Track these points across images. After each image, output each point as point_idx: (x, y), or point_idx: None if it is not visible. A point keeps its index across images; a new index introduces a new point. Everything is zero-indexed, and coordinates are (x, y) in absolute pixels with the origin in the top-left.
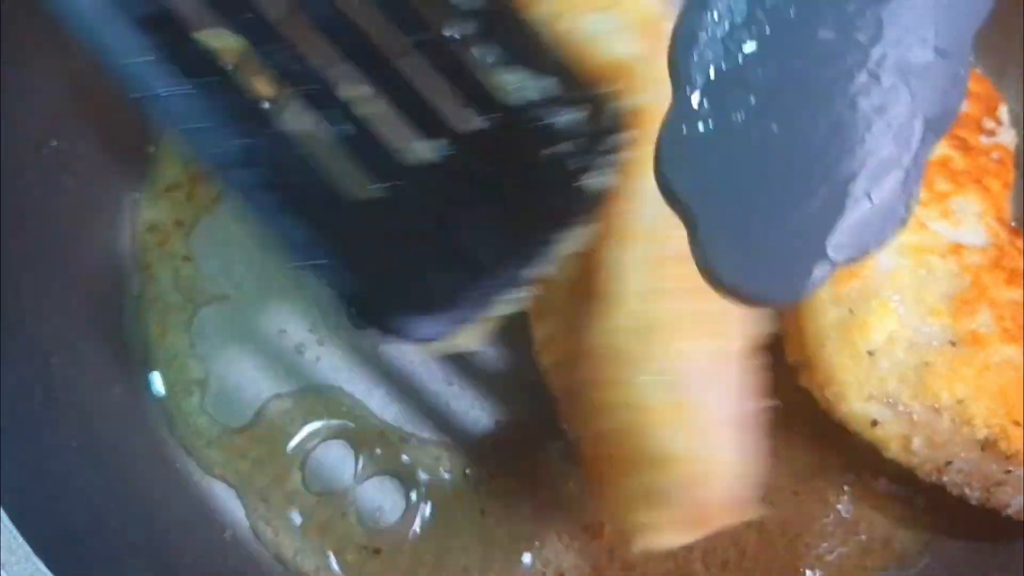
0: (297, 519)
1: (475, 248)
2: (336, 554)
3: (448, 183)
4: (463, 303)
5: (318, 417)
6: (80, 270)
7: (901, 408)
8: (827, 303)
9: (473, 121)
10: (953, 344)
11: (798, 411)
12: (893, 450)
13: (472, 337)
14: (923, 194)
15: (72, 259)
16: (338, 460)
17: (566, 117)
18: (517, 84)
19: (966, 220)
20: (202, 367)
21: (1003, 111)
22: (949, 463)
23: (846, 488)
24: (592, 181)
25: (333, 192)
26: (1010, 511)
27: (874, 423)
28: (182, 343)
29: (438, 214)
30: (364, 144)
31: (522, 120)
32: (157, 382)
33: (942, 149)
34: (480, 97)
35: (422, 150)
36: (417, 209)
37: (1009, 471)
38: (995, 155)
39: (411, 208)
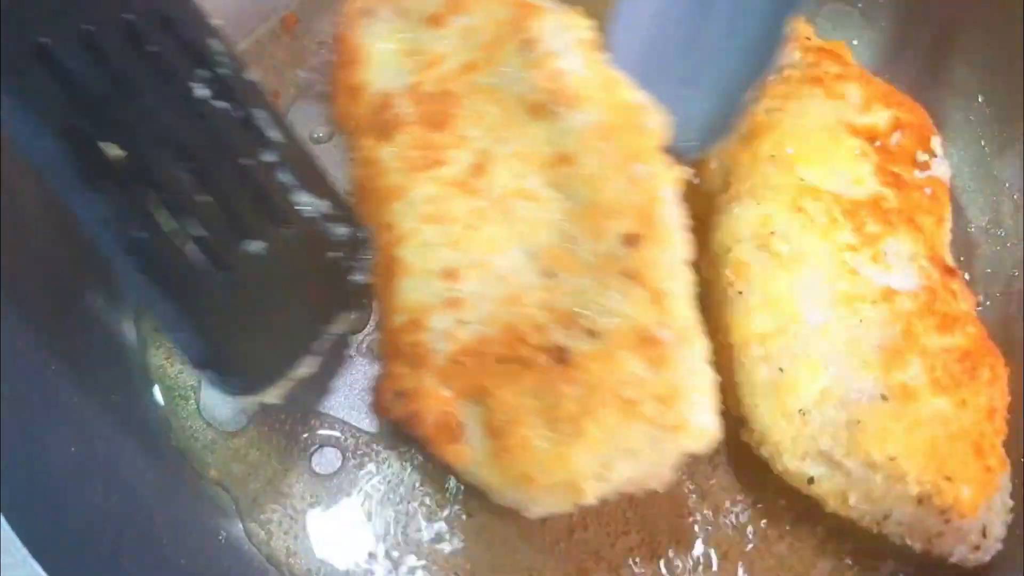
0: (290, 522)
1: (286, 323)
2: (327, 558)
3: (268, 272)
4: (279, 363)
5: (311, 424)
6: (78, 278)
7: (835, 466)
8: (757, 360)
9: (280, 230)
10: (884, 398)
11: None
12: (832, 505)
13: (275, 393)
14: (853, 238)
15: (70, 268)
16: (329, 465)
17: (338, 230)
18: (307, 204)
19: (898, 263)
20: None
21: (936, 142)
22: (887, 516)
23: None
24: (355, 278)
25: (190, 276)
26: (954, 559)
27: (811, 480)
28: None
29: (260, 295)
30: (208, 241)
31: (312, 230)
32: (154, 389)
33: (874, 188)
34: (284, 212)
35: (249, 247)
36: (244, 291)
37: (948, 521)
38: (928, 190)
39: (240, 289)
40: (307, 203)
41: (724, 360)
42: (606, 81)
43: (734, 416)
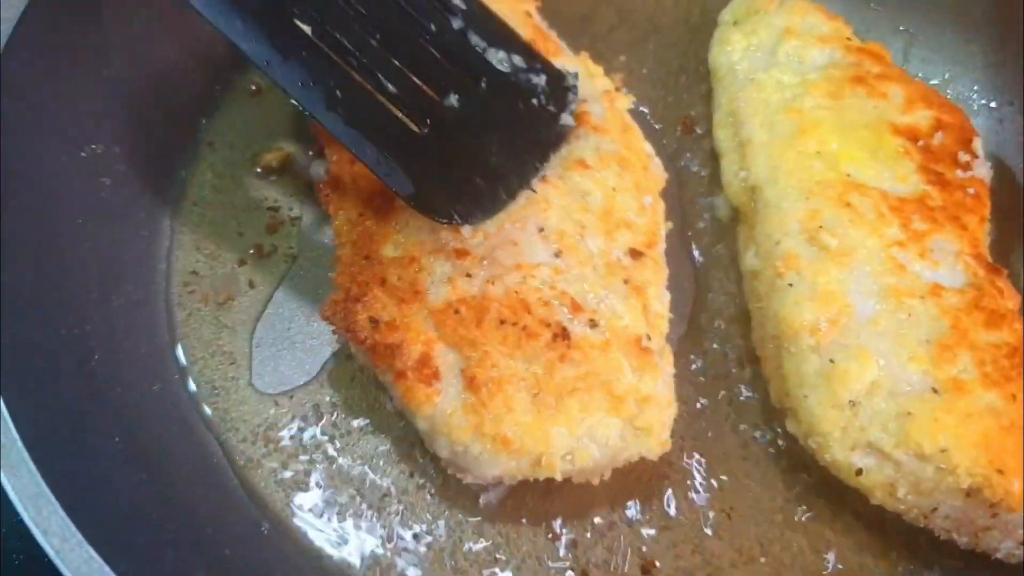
0: (331, 514)
1: (494, 163)
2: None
3: (472, 121)
4: (488, 198)
5: (355, 414)
6: (118, 269)
7: (884, 457)
8: (808, 351)
9: (476, 85)
10: (935, 391)
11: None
12: (879, 497)
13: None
14: (900, 234)
15: (111, 259)
16: (368, 456)
17: (536, 79)
18: (502, 58)
19: (944, 260)
20: (235, 365)
21: (977, 144)
22: (935, 510)
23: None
24: (559, 121)
25: (392, 127)
26: (1000, 554)
27: (859, 472)
28: (217, 341)
29: (467, 141)
30: (411, 96)
31: (509, 82)
32: (192, 379)
33: (919, 186)
34: (476, 68)
35: (451, 100)
36: (452, 138)
37: (996, 515)
38: (971, 190)
39: (448, 137)
40: (500, 59)
41: (770, 352)
42: (625, 127)
43: (774, 407)
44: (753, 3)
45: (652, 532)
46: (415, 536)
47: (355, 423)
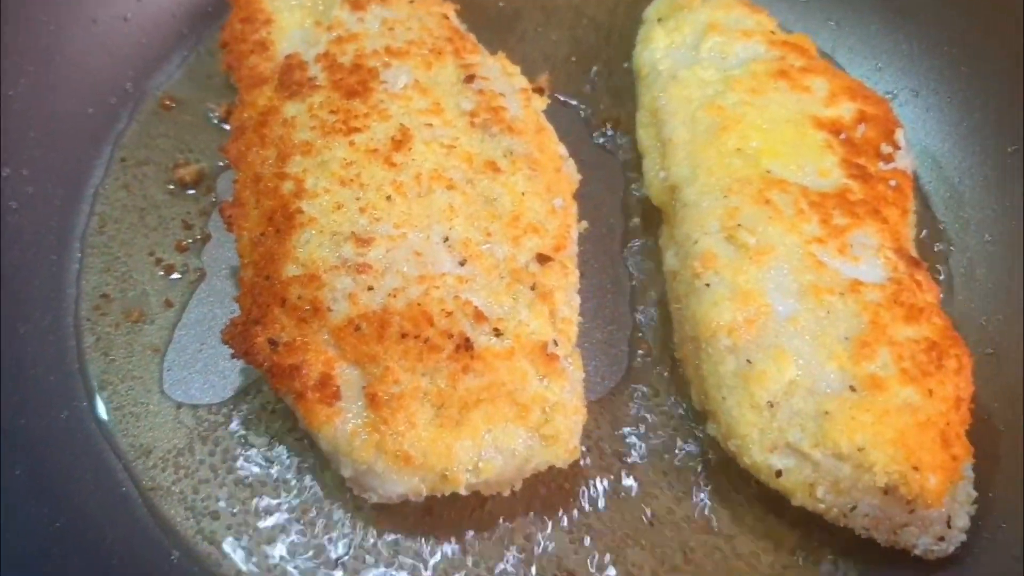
0: (241, 541)
1: None
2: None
3: None
4: None
5: (269, 436)
6: (26, 295)
7: (803, 458)
8: (725, 352)
9: None
10: (852, 389)
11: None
12: (800, 498)
13: None
14: (820, 230)
15: (18, 285)
16: (280, 479)
17: None
18: None
19: (864, 255)
20: (146, 389)
21: (900, 135)
22: (854, 508)
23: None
24: None
25: None
26: (918, 551)
27: (778, 473)
28: (128, 365)
29: None
30: None
31: None
32: (101, 406)
33: (840, 180)
34: None
35: None
36: None
37: (913, 511)
38: (893, 182)
39: None
40: None
41: (689, 353)
42: (539, 127)
43: (699, 411)
44: (676, 0)
45: (569, 542)
46: (330, 558)
47: (268, 445)
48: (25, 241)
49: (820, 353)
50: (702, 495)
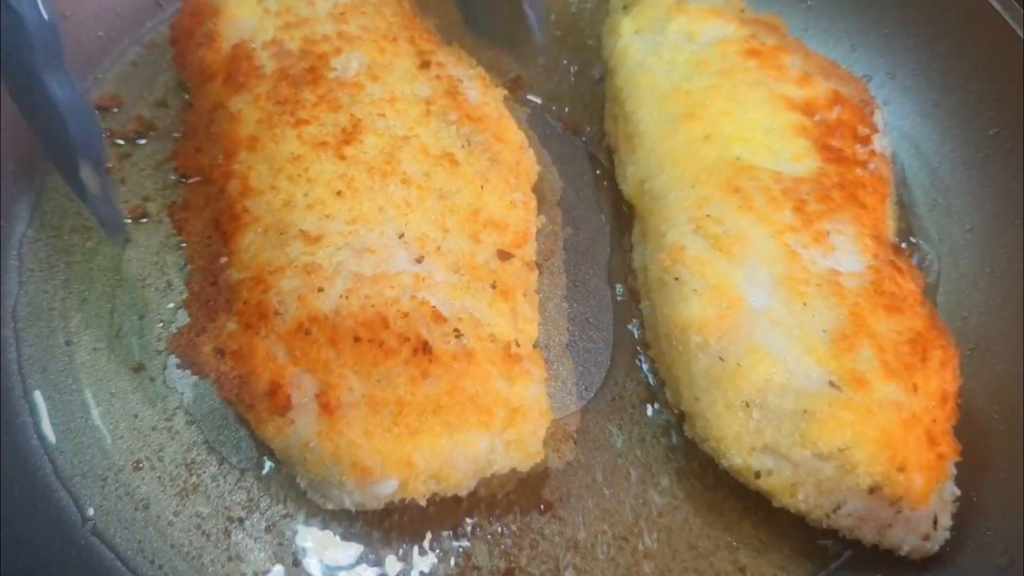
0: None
1: None
2: None
3: None
4: None
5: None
6: None
7: (783, 458)
8: (697, 350)
9: None
10: (833, 386)
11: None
12: (781, 498)
13: None
14: (794, 219)
15: None
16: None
17: None
18: None
19: (841, 244)
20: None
21: (878, 116)
22: (838, 509)
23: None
24: None
25: None
26: (904, 551)
27: (758, 475)
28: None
29: None
30: None
31: None
32: (47, 427)
33: (815, 164)
34: None
35: None
36: None
37: (899, 512)
38: (872, 165)
39: None
40: None
41: (662, 352)
42: (499, 115)
43: (675, 411)
44: None
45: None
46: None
47: (213, 459)
48: None
49: (797, 348)
50: (681, 496)
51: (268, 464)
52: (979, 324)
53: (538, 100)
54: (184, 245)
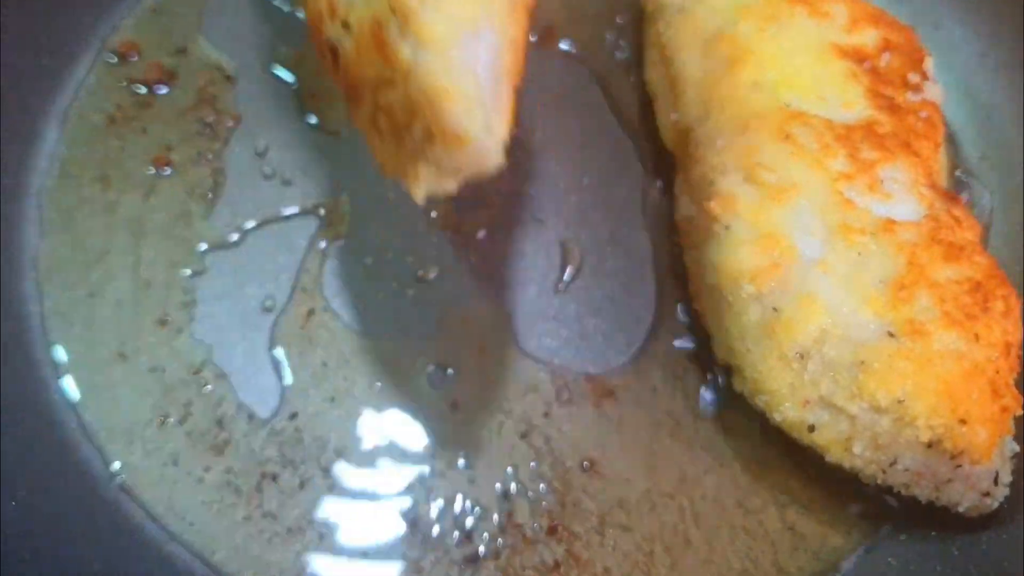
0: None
1: None
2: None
3: None
4: None
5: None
6: None
7: (838, 412)
8: (748, 301)
9: None
10: (891, 336)
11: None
12: (835, 453)
13: None
14: (847, 166)
15: None
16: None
17: None
18: None
19: (897, 192)
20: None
21: (929, 64)
22: (893, 464)
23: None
24: None
25: None
26: (961, 508)
27: (811, 428)
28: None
29: None
30: None
31: None
32: (70, 382)
33: (866, 112)
34: None
35: None
36: None
37: (959, 467)
38: (923, 113)
39: None
40: None
41: (709, 304)
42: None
43: (722, 366)
44: None
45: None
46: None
47: (243, 415)
48: None
49: (853, 298)
50: (728, 452)
51: (299, 419)
52: None
53: (571, 49)
54: (208, 196)
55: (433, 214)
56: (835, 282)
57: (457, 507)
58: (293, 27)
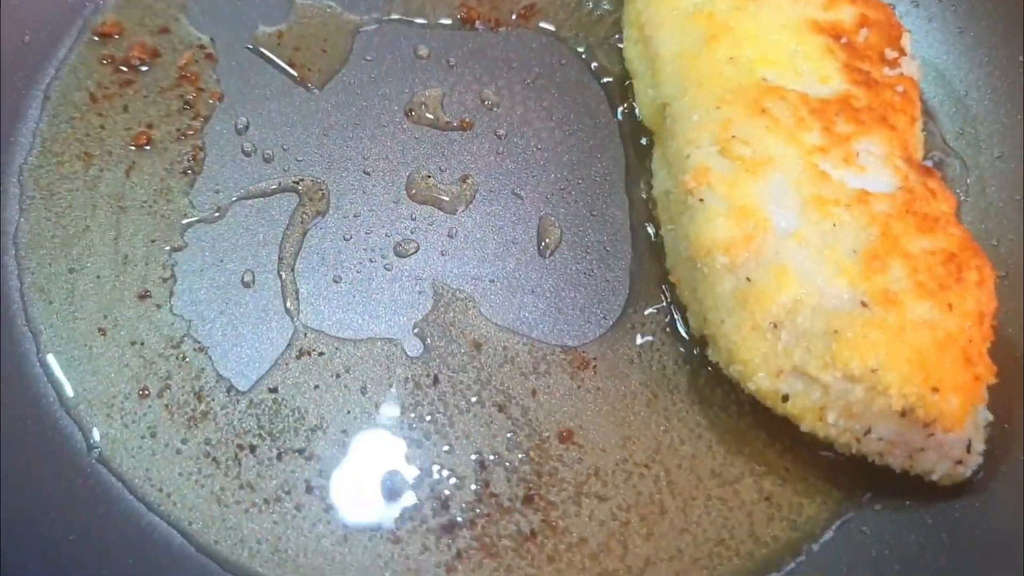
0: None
1: None
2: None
3: None
4: None
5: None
6: None
7: (812, 381)
8: (722, 272)
9: None
10: (864, 305)
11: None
12: (809, 423)
13: None
14: (822, 140)
15: None
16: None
17: None
18: None
19: (871, 164)
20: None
21: (906, 40)
22: (867, 432)
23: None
24: None
25: None
26: (935, 476)
27: (785, 398)
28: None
29: None
30: None
31: None
32: (50, 356)
33: (843, 86)
34: None
35: None
36: None
37: (932, 435)
38: (900, 88)
39: None
40: None
41: (685, 275)
42: None
43: (697, 337)
44: None
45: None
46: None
47: (222, 387)
48: None
49: (827, 268)
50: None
51: (278, 392)
52: (1008, 252)
53: (552, 28)
54: (189, 172)
55: (412, 190)
56: (809, 253)
57: (434, 477)
58: (274, 5)
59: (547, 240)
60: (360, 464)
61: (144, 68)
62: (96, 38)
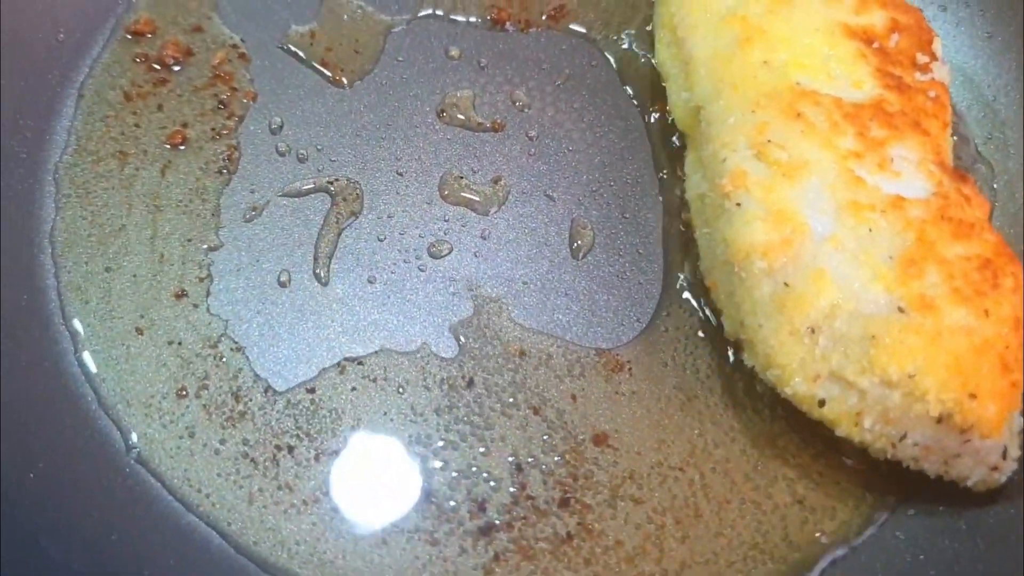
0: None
1: None
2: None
3: None
4: None
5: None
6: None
7: (848, 386)
8: (760, 276)
9: None
10: (901, 311)
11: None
12: (844, 428)
13: None
14: (857, 144)
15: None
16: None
17: None
18: None
19: (906, 169)
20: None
21: (937, 45)
22: (903, 438)
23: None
24: None
25: None
26: (970, 482)
27: (821, 403)
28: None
29: None
30: None
31: None
32: (87, 355)
33: (875, 91)
34: None
35: None
36: None
37: (968, 441)
38: (932, 93)
39: None
40: None
41: (721, 279)
42: None
43: (733, 341)
44: None
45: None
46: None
47: (259, 387)
48: None
49: (863, 273)
50: (739, 427)
51: (316, 393)
52: None
53: (583, 29)
54: (224, 172)
55: (445, 191)
56: (845, 258)
57: (471, 479)
58: (305, 4)
59: (579, 242)
60: (397, 466)
61: (177, 67)
62: (129, 36)
